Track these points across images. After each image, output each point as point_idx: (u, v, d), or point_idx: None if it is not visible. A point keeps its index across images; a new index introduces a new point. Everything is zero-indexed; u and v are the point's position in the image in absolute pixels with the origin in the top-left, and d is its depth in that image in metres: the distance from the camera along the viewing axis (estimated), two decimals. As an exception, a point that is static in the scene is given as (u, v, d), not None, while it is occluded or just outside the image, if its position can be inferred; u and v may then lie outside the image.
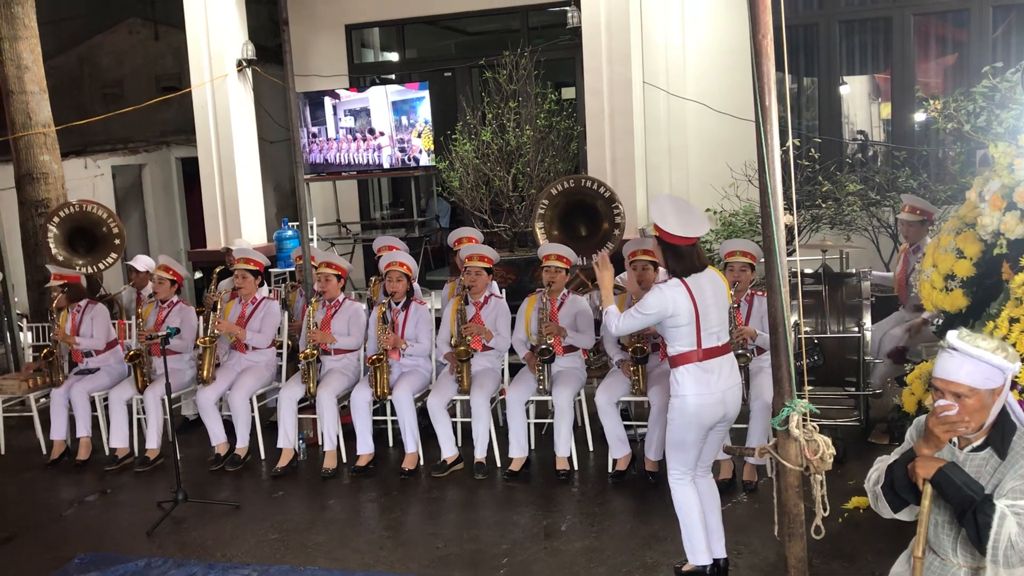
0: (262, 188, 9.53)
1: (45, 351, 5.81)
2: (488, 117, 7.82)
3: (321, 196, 10.13)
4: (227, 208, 9.03)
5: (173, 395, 5.44)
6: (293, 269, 7.23)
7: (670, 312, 3.49)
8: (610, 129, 7.84)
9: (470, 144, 7.83)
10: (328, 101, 9.24)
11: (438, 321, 5.54)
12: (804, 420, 2.63)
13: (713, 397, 3.52)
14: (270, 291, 6.87)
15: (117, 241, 7.57)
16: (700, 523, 3.61)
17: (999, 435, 2.33)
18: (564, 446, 4.96)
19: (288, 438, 5.36)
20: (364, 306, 5.91)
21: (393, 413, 5.41)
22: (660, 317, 3.53)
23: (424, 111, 8.83)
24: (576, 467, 5.02)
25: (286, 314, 5.96)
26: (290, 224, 8.68)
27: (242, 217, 9.04)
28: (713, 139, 8.23)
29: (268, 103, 10.11)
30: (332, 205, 9.93)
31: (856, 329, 4.93)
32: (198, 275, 9.50)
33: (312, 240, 8.64)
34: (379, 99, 9.04)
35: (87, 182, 10.29)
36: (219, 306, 5.67)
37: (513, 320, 5.36)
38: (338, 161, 9.38)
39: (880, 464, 2.48)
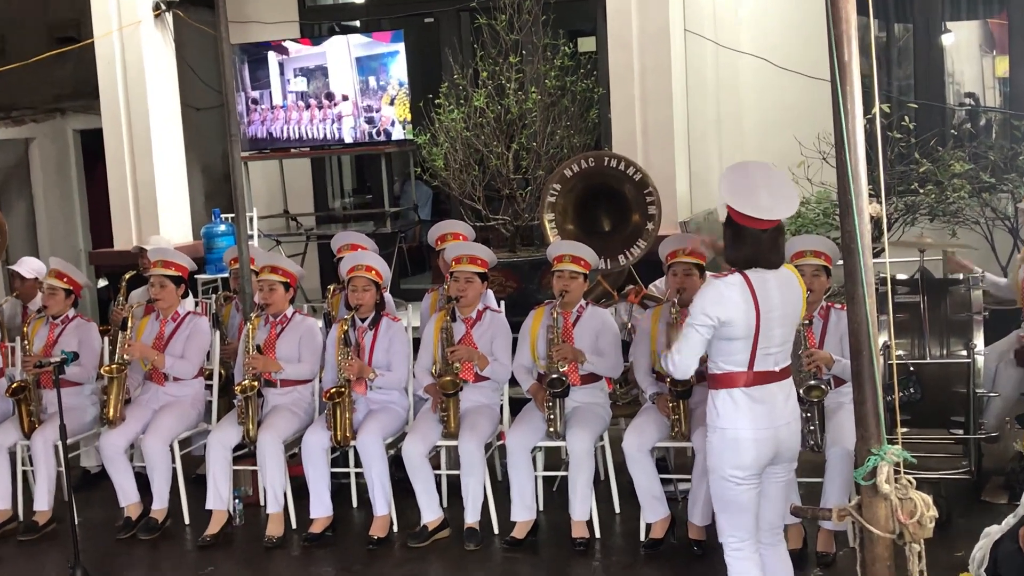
0: (187, 170, 9.53)
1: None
2: (482, 76, 7.84)
3: (264, 180, 10.13)
4: (140, 196, 9.04)
5: (70, 440, 5.42)
6: (227, 275, 7.24)
7: (726, 316, 3.49)
8: (641, 91, 7.84)
9: (458, 112, 7.84)
10: (273, 57, 9.27)
11: (416, 343, 5.54)
12: (897, 472, 2.63)
13: (762, 433, 3.54)
14: (196, 304, 6.88)
15: (-4, 239, 7.56)
16: (762, 608, 3.62)
17: None
18: (582, 506, 4.96)
19: (220, 497, 5.36)
20: (320, 323, 5.90)
21: (358, 464, 5.41)
22: (716, 325, 3.51)
23: (398, 69, 8.85)
24: (598, 534, 5.02)
25: (217, 334, 5.97)
26: (223, 217, 8.69)
27: (160, 207, 9.04)
28: (776, 105, 8.24)
29: (195, 59, 10.12)
30: (278, 192, 9.94)
31: (964, 353, 4.93)
32: (102, 283, 9.51)
33: (252, 237, 8.64)
34: (339, 54, 9.07)
35: (-43, 162, 10.31)
36: (130, 324, 5.67)
37: (515, 341, 5.36)
38: (286, 135, 9.39)
39: (986, 540, 2.46)
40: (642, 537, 4.90)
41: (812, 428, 4.46)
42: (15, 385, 5.62)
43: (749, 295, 3.49)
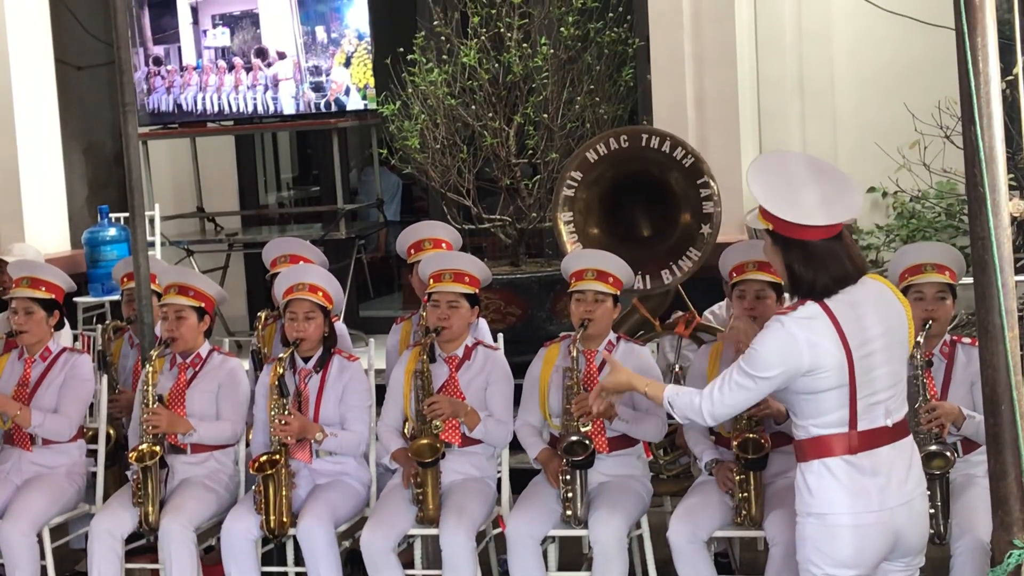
0: (63, 151, 9.53)
1: None
2: (473, 23, 7.85)
3: (170, 166, 10.13)
4: (-1, 187, 9.08)
5: None
6: (117, 297, 7.24)
7: (804, 367, 3.53)
8: (694, 44, 7.85)
9: (440, 72, 7.86)
10: (183, 0, 9.32)
11: (381, 391, 5.53)
12: (1050, 571, 2.62)
13: (870, 517, 3.55)
14: (76, 338, 6.86)
15: None
16: None
17: None
18: (612, 621, 4.95)
19: (107, 606, 5.34)
20: (247, 365, 5.89)
21: (299, 560, 5.39)
22: (787, 378, 3.55)
23: (357, 16, 8.87)
24: (633, 659, 5.01)
25: (105, 379, 5.96)
26: (113, 217, 8.69)
27: (26, 203, 9.05)
28: (881, 63, 8.24)
29: (76, 2, 10.16)
30: (190, 182, 9.95)
31: None
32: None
33: (153, 246, 8.63)
34: (276, -8, 9.12)
35: None
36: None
37: (519, 390, 5.36)
38: (201, 106, 9.39)
39: None
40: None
41: (933, 511, 4.43)
42: None
43: (832, 330, 3.53)
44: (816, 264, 3.55)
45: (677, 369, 5.70)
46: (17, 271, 5.88)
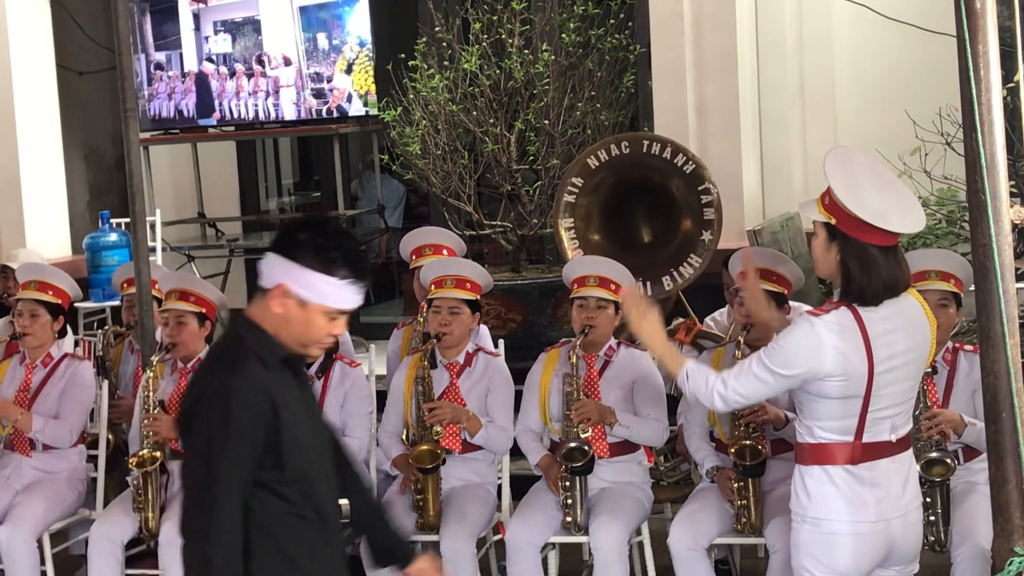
0: (64, 156, 9.53)
1: None
2: (475, 29, 7.86)
3: (171, 172, 10.13)
4: (0, 192, 9.06)
5: None
6: (118, 303, 7.24)
7: (824, 371, 3.52)
8: (695, 51, 7.85)
9: (441, 78, 7.86)
10: (185, 6, 9.29)
11: (382, 397, 5.53)
12: (1052, 579, 2.62)
13: (867, 527, 3.56)
14: (77, 343, 6.86)
15: None
16: None
17: None
18: (612, 627, 4.95)
19: (108, 611, 5.34)
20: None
21: (299, 566, 5.38)
22: (805, 379, 3.54)
23: (358, 24, 8.86)
24: (634, 666, 5.01)
25: (105, 385, 5.96)
26: (114, 222, 8.69)
27: (27, 208, 9.05)
28: (881, 70, 8.25)
29: (77, 6, 10.16)
30: (191, 188, 9.95)
31: None
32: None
33: (154, 251, 8.63)
34: (277, 3, 9.10)
35: None
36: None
37: (519, 396, 5.37)
38: (202, 111, 9.40)
39: None
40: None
41: (933, 518, 4.44)
42: None
43: (861, 341, 3.52)
44: (872, 269, 3.54)
45: (678, 375, 5.69)
46: (25, 274, 5.88)
